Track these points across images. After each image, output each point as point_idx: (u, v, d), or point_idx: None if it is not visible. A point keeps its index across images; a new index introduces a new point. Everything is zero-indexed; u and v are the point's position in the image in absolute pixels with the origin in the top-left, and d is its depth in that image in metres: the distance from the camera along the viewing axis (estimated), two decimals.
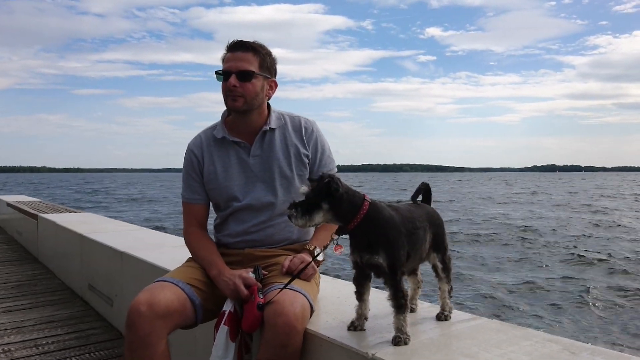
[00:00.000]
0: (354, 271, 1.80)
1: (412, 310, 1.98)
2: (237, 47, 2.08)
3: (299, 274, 1.92)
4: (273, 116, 2.21)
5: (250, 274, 1.96)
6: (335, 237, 1.78)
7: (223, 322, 1.90)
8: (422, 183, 1.96)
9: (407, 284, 2.00)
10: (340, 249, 1.85)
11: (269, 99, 2.22)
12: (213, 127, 2.26)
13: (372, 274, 1.77)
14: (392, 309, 1.67)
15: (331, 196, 1.65)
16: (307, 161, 2.20)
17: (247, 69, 2.05)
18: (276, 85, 2.20)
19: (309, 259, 2.01)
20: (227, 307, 1.94)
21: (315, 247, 2.08)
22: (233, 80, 2.05)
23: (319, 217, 1.67)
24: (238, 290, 1.91)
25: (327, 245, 1.86)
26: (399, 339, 1.63)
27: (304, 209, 1.66)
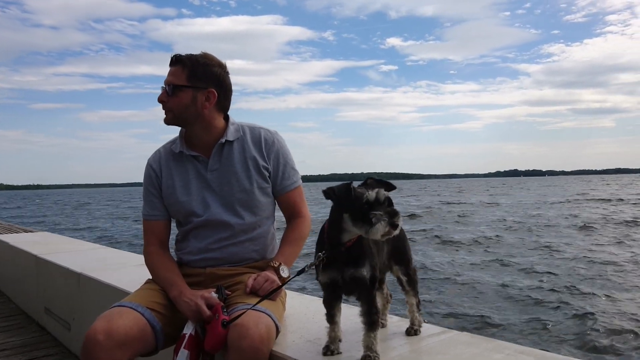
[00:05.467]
0: (323, 293, 1.73)
1: (382, 326, 1.93)
2: (170, 63, 2.08)
3: (267, 296, 1.81)
4: (231, 128, 2.13)
5: (213, 294, 1.88)
6: (321, 255, 1.68)
7: (183, 345, 1.79)
8: None
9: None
10: None
11: (224, 109, 2.12)
12: (172, 142, 2.19)
13: (344, 293, 1.70)
14: (362, 325, 1.61)
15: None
16: (267, 174, 2.12)
17: (170, 83, 2.04)
18: (215, 96, 2.04)
19: (274, 276, 1.93)
20: (188, 329, 1.84)
21: (280, 263, 2.01)
22: (161, 95, 2.05)
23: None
24: (200, 311, 1.82)
25: (313, 263, 1.70)
26: (369, 358, 1.58)
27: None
